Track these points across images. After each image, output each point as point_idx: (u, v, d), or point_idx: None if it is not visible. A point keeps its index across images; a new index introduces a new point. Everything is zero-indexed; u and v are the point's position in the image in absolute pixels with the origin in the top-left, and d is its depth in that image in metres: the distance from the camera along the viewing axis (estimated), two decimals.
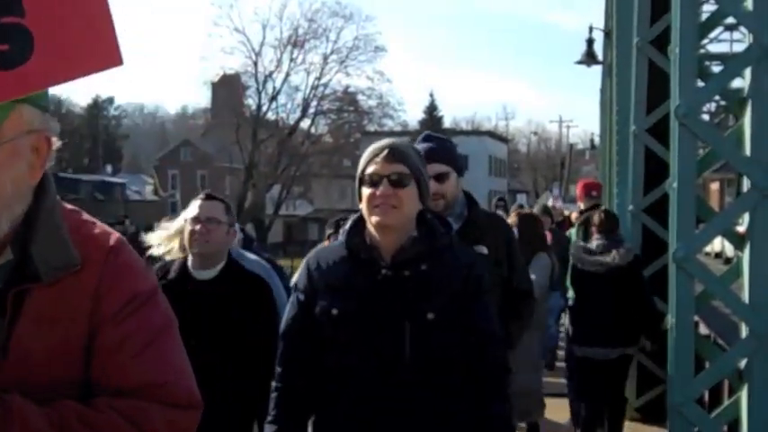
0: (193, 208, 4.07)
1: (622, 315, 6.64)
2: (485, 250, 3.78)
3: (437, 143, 3.99)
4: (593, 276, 6.74)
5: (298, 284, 2.98)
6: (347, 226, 2.97)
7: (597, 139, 38.84)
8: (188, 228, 4.00)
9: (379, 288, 2.80)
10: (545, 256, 6.69)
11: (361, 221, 2.93)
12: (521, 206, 12.37)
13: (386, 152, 2.85)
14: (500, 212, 8.89)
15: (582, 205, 9.17)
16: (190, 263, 4.02)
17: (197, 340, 3.42)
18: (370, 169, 2.87)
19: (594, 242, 6.91)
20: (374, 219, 2.82)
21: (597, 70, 25.31)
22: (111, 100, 78.12)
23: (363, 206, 2.88)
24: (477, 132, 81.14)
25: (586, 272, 6.81)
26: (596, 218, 7.08)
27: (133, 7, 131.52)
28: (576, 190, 9.30)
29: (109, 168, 64.57)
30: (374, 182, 2.84)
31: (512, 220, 6.16)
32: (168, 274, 3.98)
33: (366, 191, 2.86)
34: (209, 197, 4.16)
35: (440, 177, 3.83)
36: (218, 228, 4.00)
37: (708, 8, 6.00)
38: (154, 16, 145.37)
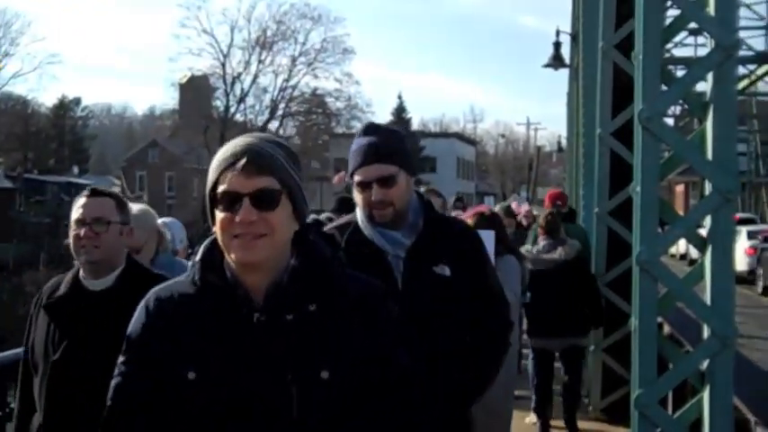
0: (76, 208, 3.38)
1: (572, 307, 7.47)
2: (447, 271, 3.06)
3: (381, 137, 3.17)
4: (544, 274, 7.45)
5: (131, 339, 2.15)
6: (198, 255, 2.18)
7: (564, 142, 39.08)
8: (72, 232, 3.35)
9: (250, 340, 2.05)
10: (512, 259, 5.63)
11: (216, 249, 2.14)
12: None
13: (244, 161, 2.06)
14: (458, 213, 8.60)
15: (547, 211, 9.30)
16: (81, 273, 3.37)
17: (91, 361, 3.01)
18: (223, 185, 2.08)
19: (540, 243, 7.72)
20: (235, 255, 2.06)
21: (565, 73, 25.51)
22: (77, 100, 77.33)
23: (218, 235, 2.10)
24: (445, 134, 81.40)
25: (537, 271, 7.46)
26: (541, 220, 7.95)
27: (101, 5, 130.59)
28: (545, 199, 9.91)
29: (75, 169, 64.02)
30: (231, 202, 2.06)
31: (470, 221, 5.54)
32: (58, 290, 3.38)
33: (220, 215, 2.07)
34: (94, 193, 3.44)
35: (385, 181, 3.09)
36: (109, 229, 3.33)
37: (672, 13, 6.03)
38: (121, 15, 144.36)
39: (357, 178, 3.15)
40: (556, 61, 23.79)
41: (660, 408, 4.28)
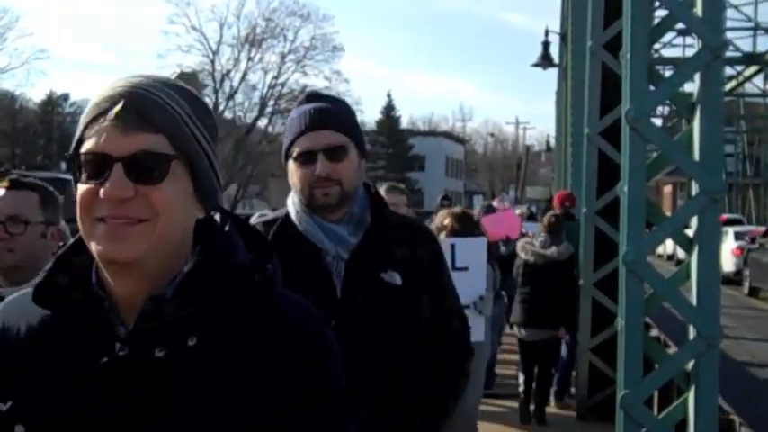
0: None
1: (555, 302, 8.05)
2: (397, 279, 2.53)
3: (329, 104, 2.67)
4: (534, 267, 8.18)
5: None
6: (54, 259, 1.50)
7: (553, 142, 39.17)
8: None
9: (104, 383, 1.37)
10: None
11: (82, 248, 1.46)
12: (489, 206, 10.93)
13: (119, 107, 1.40)
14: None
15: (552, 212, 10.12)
16: None
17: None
18: (88, 142, 1.41)
19: (540, 238, 8.45)
20: (97, 248, 1.39)
21: (554, 72, 25.56)
22: (66, 96, 77.00)
23: (78, 218, 1.42)
24: (434, 133, 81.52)
25: (529, 262, 8.22)
26: (546, 219, 8.70)
27: (89, 0, 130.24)
28: (554, 199, 10.85)
29: (63, 165, 63.78)
30: (96, 169, 1.39)
31: (446, 221, 5.48)
32: None
33: (81, 187, 1.40)
34: (14, 185, 2.86)
35: (334, 152, 2.54)
36: (27, 230, 2.75)
37: (660, 13, 6.04)
38: (110, 10, 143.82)
39: (298, 149, 2.59)
40: (544, 61, 23.83)
41: (645, 408, 4.28)
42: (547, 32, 23.87)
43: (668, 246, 29.08)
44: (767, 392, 10.64)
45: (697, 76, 4.29)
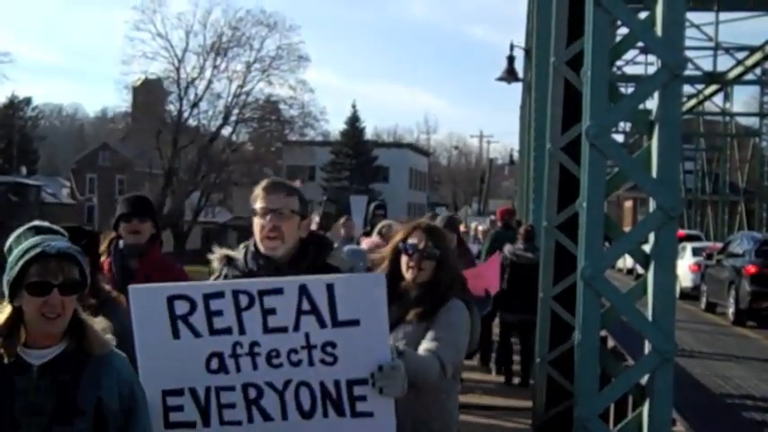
0: None
1: (532, 294, 9.20)
2: None
3: None
4: (519, 267, 10.15)
5: None
6: None
7: (517, 155, 39.44)
8: None
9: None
10: (461, 308, 3.78)
11: None
12: (435, 215, 11.85)
13: None
14: (389, 222, 8.48)
15: (499, 224, 12.68)
16: None
17: None
18: None
19: (520, 245, 10.60)
20: None
21: (519, 86, 25.74)
22: (28, 100, 76.19)
23: None
24: (398, 145, 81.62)
25: (516, 263, 10.31)
26: (522, 230, 10.90)
27: (53, 4, 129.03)
28: (497, 214, 13.15)
29: (23, 170, 63.03)
30: None
31: (415, 238, 3.86)
32: None
33: None
34: None
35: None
36: None
37: (623, 31, 6.15)
38: (75, 15, 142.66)
39: None
40: (509, 75, 23.94)
41: (600, 421, 4.33)
42: (512, 47, 24.01)
43: (628, 260, 29.36)
44: (722, 407, 10.77)
45: (656, 95, 4.36)
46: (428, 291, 3.81)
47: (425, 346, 3.58)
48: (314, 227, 4.20)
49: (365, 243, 7.38)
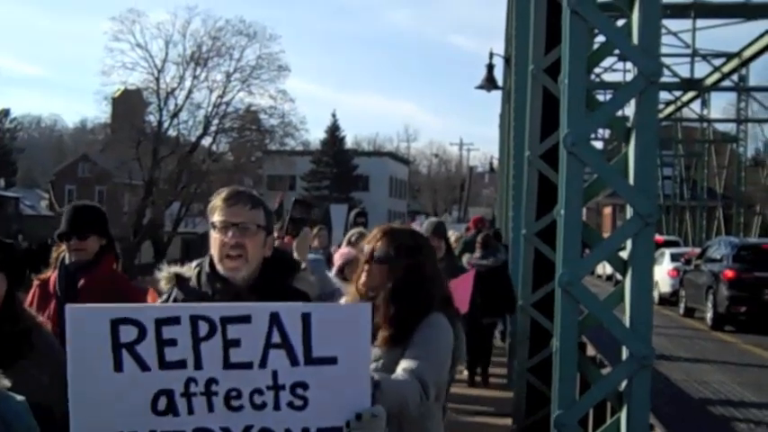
0: None
1: (491, 297, 10.37)
2: None
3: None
4: (477, 274, 9.62)
5: None
6: None
7: (497, 163, 39.55)
8: None
9: None
10: (442, 322, 3.37)
11: None
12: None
13: None
14: (359, 230, 8.27)
15: (472, 231, 13.39)
16: None
17: None
18: None
19: (479, 252, 11.31)
20: None
21: (498, 95, 25.83)
22: (6, 112, 75.83)
23: None
24: (378, 153, 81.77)
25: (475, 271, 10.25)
26: (479, 239, 11.65)
27: (32, 15, 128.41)
28: (470, 224, 14.47)
29: (2, 182, 62.67)
30: None
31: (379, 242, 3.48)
32: None
33: None
34: None
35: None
36: None
37: (601, 39, 6.15)
38: (53, 26, 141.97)
39: None
40: (488, 83, 24.02)
41: (579, 428, 4.34)
42: (491, 55, 24.11)
43: (608, 266, 29.50)
44: (701, 411, 10.83)
45: (633, 102, 4.39)
46: (398, 307, 3.29)
47: (402, 365, 3.12)
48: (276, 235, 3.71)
49: (338, 255, 7.18)
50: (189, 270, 3.21)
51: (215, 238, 3.09)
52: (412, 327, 3.26)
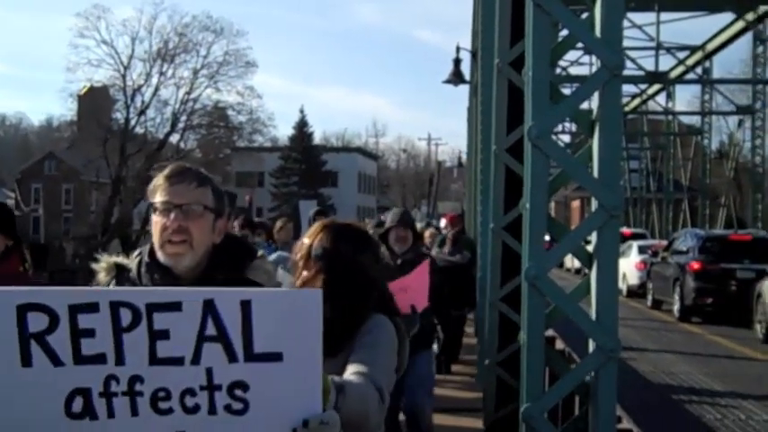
0: None
1: (458, 292, 10.89)
2: None
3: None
4: (446, 269, 10.38)
5: None
6: None
7: (465, 158, 39.63)
8: None
9: None
10: (385, 323, 3.07)
11: None
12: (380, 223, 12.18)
13: None
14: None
15: (450, 229, 14.24)
16: None
17: None
18: None
19: (447, 248, 11.88)
20: None
21: (466, 89, 25.87)
22: None
23: None
24: (347, 149, 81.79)
25: (442, 267, 10.38)
26: (449, 236, 12.39)
27: None
28: (446, 221, 15.09)
29: None
30: None
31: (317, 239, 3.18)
32: None
33: None
34: None
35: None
36: None
37: (566, 32, 6.17)
38: (17, 22, 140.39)
39: None
40: (455, 77, 24.07)
41: (547, 420, 4.34)
42: (458, 49, 24.15)
43: (576, 260, 29.70)
44: (668, 402, 10.92)
45: (596, 95, 4.39)
46: (336, 308, 2.86)
47: (352, 370, 2.74)
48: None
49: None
50: (131, 261, 2.86)
51: (156, 221, 2.75)
52: (353, 330, 2.92)
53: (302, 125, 69.88)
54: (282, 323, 2.29)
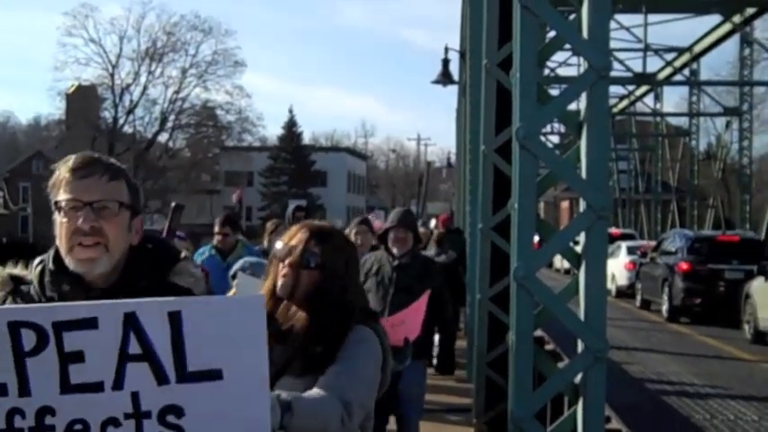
0: None
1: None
2: None
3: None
4: None
5: None
6: None
7: (454, 158, 39.65)
8: None
9: None
10: (368, 336, 2.82)
11: None
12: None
13: None
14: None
15: (441, 230, 14.30)
16: None
17: None
18: None
19: (433, 250, 11.88)
20: None
21: (455, 89, 25.89)
22: None
23: None
24: (336, 149, 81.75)
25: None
26: (435, 236, 12.79)
27: None
28: (439, 222, 15.11)
29: None
30: None
31: (296, 239, 2.93)
32: None
33: None
34: None
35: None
36: None
37: (553, 34, 6.19)
38: (3, 21, 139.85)
39: None
40: (444, 78, 24.11)
41: (536, 421, 4.35)
42: (446, 50, 24.18)
43: (565, 260, 29.72)
44: (657, 403, 10.94)
45: (584, 96, 4.40)
46: (317, 319, 2.72)
47: (320, 382, 2.53)
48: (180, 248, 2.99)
49: None
50: (30, 272, 2.45)
51: (61, 222, 2.33)
52: (338, 344, 2.69)
53: (291, 125, 69.78)
54: (220, 336, 1.97)
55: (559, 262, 33.36)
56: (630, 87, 32.49)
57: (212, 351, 1.97)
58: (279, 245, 2.93)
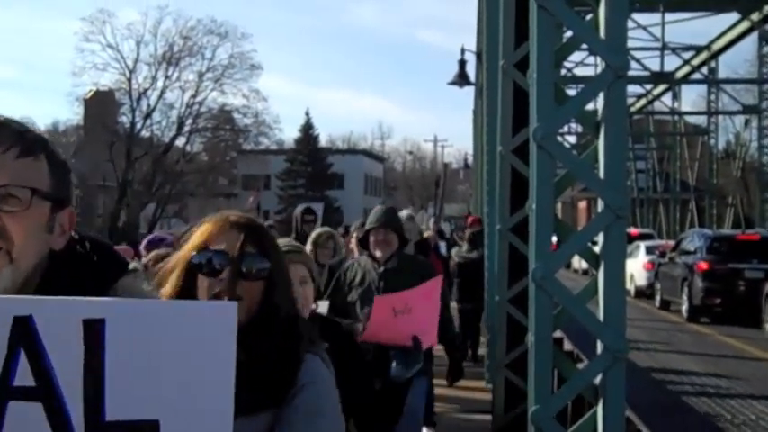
0: None
1: (476, 285, 12.25)
2: None
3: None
4: (464, 266, 12.87)
5: None
6: None
7: (471, 159, 39.61)
8: None
9: None
10: (319, 370, 2.18)
11: None
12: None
13: None
14: (327, 230, 7.66)
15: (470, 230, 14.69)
16: None
17: None
18: None
19: (465, 247, 13.29)
20: None
21: (471, 90, 25.87)
22: None
23: None
24: (353, 151, 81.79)
25: (462, 263, 12.99)
26: (466, 235, 13.79)
27: (0, 11, 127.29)
28: (469, 221, 15.84)
29: None
30: None
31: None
32: None
33: None
34: None
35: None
36: None
37: (570, 34, 6.15)
38: (22, 25, 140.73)
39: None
40: (461, 79, 24.07)
41: (556, 422, 4.34)
42: (463, 51, 24.14)
43: (583, 260, 29.62)
44: (678, 404, 10.89)
45: (601, 96, 4.39)
46: (266, 351, 2.05)
47: None
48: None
49: None
50: None
51: None
52: (286, 378, 2.06)
53: (308, 128, 69.85)
54: (165, 365, 1.29)
55: (578, 262, 33.26)
56: (648, 86, 32.37)
57: (148, 390, 1.27)
58: (190, 249, 2.16)
